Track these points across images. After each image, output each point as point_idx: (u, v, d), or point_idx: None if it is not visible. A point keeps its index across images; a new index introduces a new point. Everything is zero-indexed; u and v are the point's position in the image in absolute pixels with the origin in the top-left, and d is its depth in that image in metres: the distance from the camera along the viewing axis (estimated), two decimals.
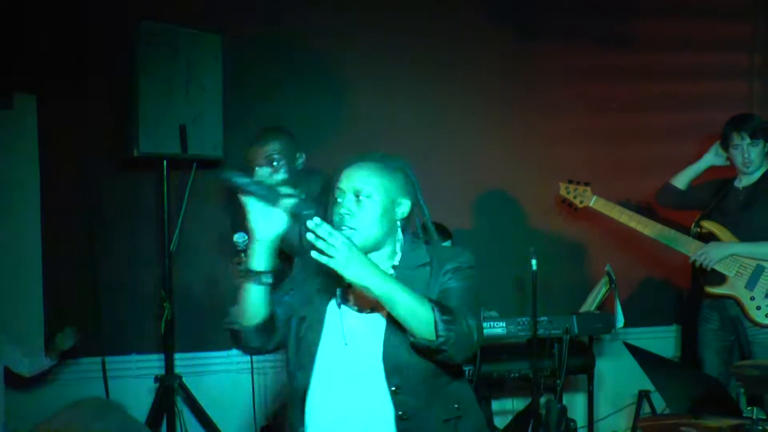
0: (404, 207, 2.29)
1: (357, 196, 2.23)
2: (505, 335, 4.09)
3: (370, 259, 2.08)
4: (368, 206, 2.22)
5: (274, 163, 3.45)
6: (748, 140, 4.10)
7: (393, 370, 2.17)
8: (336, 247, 1.99)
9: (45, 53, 4.12)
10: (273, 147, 3.48)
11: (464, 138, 4.83)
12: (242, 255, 3.17)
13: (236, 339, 2.32)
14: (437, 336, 2.06)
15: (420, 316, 2.07)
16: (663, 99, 5.18)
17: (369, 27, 4.71)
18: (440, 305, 2.10)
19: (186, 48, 3.93)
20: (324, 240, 1.98)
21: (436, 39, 4.83)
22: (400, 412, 2.18)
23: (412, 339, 2.10)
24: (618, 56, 5.12)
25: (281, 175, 3.38)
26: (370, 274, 2.05)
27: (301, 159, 3.53)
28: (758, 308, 4.02)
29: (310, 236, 1.99)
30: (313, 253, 2.01)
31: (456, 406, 2.26)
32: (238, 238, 3.22)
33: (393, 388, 2.18)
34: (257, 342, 2.30)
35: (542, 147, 4.93)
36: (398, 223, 2.29)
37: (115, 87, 4.06)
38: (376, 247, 2.25)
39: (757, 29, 5.29)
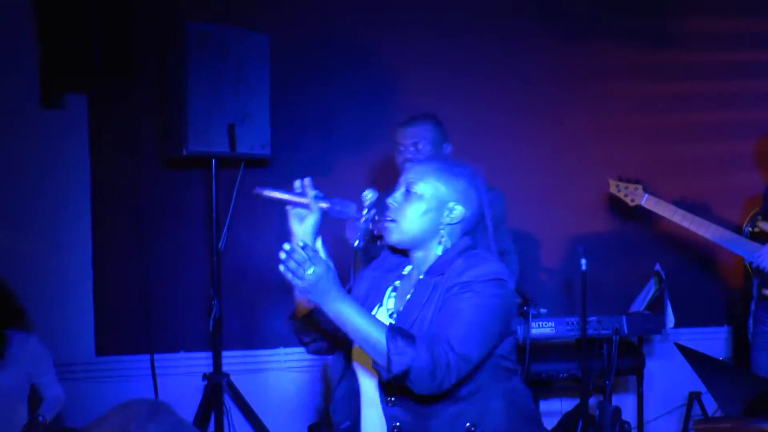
0: (456, 212, 2.25)
1: (408, 189, 2.24)
2: (554, 335, 4.06)
3: (331, 284, 1.99)
4: (414, 202, 2.22)
5: (419, 146, 3.38)
6: None
7: (388, 382, 2.04)
8: (303, 274, 1.97)
9: (95, 53, 4.17)
10: (419, 130, 3.42)
11: (512, 137, 4.79)
12: (365, 210, 3.09)
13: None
14: (389, 366, 1.97)
15: (373, 344, 1.99)
16: (714, 97, 5.09)
17: (416, 26, 4.70)
18: (399, 333, 1.98)
19: (235, 48, 3.96)
20: (294, 265, 1.97)
21: (483, 39, 4.79)
22: (393, 425, 2.12)
23: (374, 365, 2.04)
24: (667, 53, 5.04)
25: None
26: (327, 299, 1.99)
27: (448, 149, 3.46)
28: None
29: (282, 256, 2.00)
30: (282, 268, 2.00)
31: (469, 424, 2.10)
32: (368, 193, 3.06)
33: (388, 400, 2.13)
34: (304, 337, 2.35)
35: (591, 145, 4.88)
36: (446, 226, 2.25)
37: (165, 86, 4.10)
38: (413, 244, 2.25)
39: None
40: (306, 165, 4.52)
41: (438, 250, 2.25)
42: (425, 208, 2.22)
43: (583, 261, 3.77)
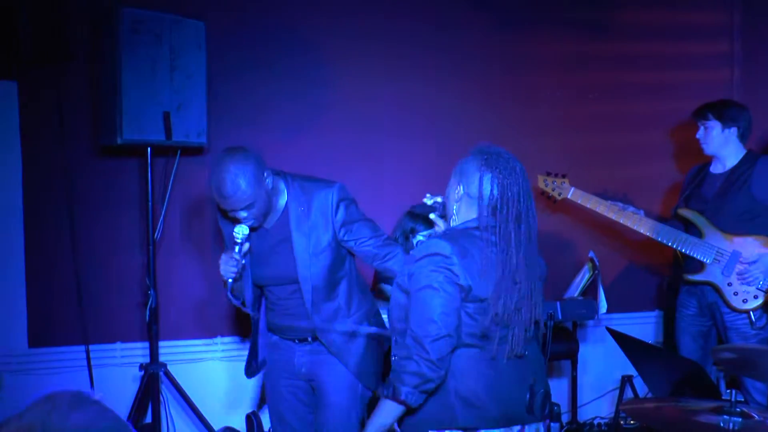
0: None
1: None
2: None
3: None
4: None
5: (243, 212, 3.11)
6: (700, 122, 4.23)
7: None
8: None
9: (26, 40, 4.08)
10: (236, 200, 3.07)
11: (443, 124, 4.83)
12: (237, 248, 3.14)
13: None
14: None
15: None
16: (642, 87, 5.21)
17: (351, 12, 4.70)
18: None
19: (169, 35, 3.90)
20: None
21: (417, 24, 4.82)
22: None
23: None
24: (597, 44, 5.14)
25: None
26: None
27: (269, 179, 3.19)
28: (735, 294, 4.06)
29: None
30: None
31: None
32: (239, 230, 3.13)
33: None
34: None
35: (521, 135, 4.92)
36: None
37: (98, 74, 4.03)
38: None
39: (736, 17, 5.30)
40: None
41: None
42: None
43: None
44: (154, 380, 4.11)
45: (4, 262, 4.20)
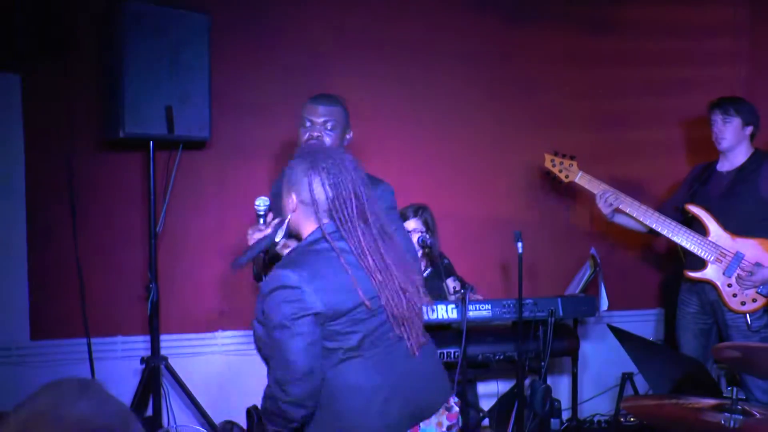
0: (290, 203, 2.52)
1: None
2: (491, 318, 4.12)
3: None
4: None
5: (328, 126, 3.27)
6: (721, 116, 4.17)
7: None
8: None
9: (28, 33, 4.08)
10: (332, 110, 3.31)
11: (447, 121, 4.84)
12: (261, 219, 3.13)
13: None
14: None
15: None
16: (648, 84, 5.20)
17: (354, 7, 4.70)
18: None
19: (172, 28, 3.90)
20: None
21: (420, 19, 4.82)
22: None
23: None
24: (604, 40, 5.13)
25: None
26: None
27: (349, 135, 3.39)
28: (734, 295, 4.05)
29: None
30: None
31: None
32: (260, 202, 3.13)
33: None
34: None
35: (526, 130, 4.94)
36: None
37: (101, 67, 4.03)
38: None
39: (743, 13, 5.29)
40: (245, 148, 4.51)
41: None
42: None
43: (520, 244, 3.83)
44: (155, 373, 4.12)
45: (6, 255, 4.21)
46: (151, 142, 4.06)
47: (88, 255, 4.21)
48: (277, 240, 2.61)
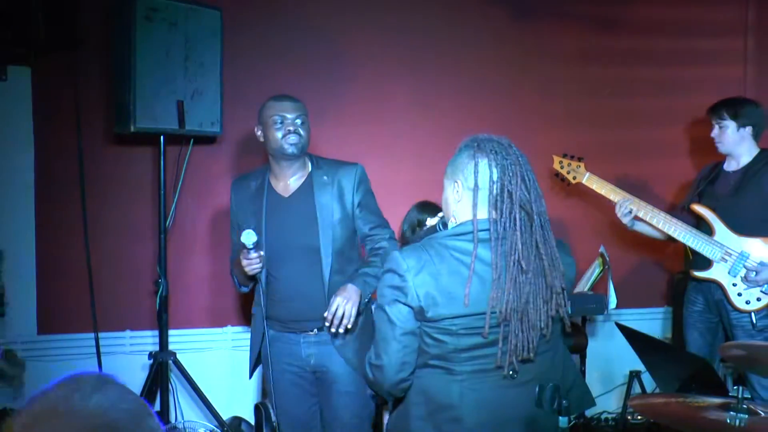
0: None
1: None
2: None
3: None
4: None
5: (299, 120, 3.35)
6: (716, 121, 4.20)
7: None
8: None
9: (40, 25, 4.08)
10: (299, 106, 3.41)
11: (457, 117, 4.84)
12: (251, 252, 3.20)
13: None
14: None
15: None
16: (657, 82, 5.20)
17: (366, 3, 4.71)
18: None
19: (184, 23, 3.91)
20: None
21: (431, 16, 4.83)
22: None
23: None
24: (612, 39, 5.13)
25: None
26: None
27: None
28: (739, 294, 4.06)
29: None
30: None
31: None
32: (245, 238, 3.18)
33: None
34: None
35: (535, 127, 4.94)
36: None
37: (112, 61, 4.04)
38: None
39: (751, 14, 5.29)
40: (256, 143, 4.50)
41: None
42: None
43: None
44: (163, 369, 4.13)
45: (15, 249, 4.22)
46: (162, 137, 4.06)
47: (97, 249, 4.22)
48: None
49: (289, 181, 3.42)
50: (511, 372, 2.22)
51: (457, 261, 2.20)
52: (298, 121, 3.35)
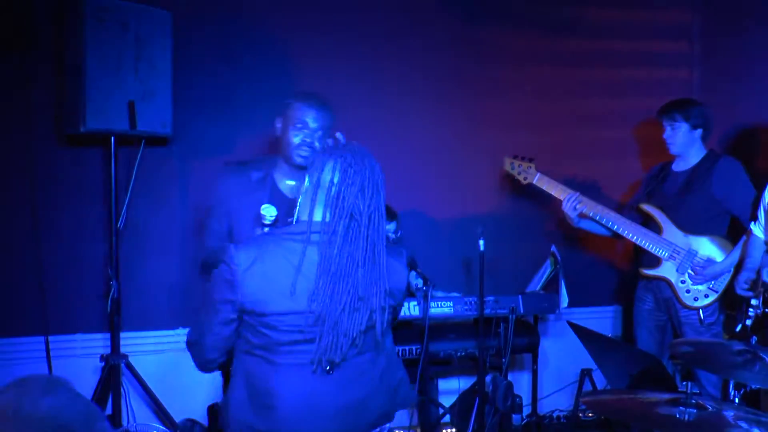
0: None
1: None
2: (453, 315, 4.16)
3: None
4: None
5: (319, 133, 3.23)
6: (668, 123, 4.27)
7: None
8: None
9: None
10: (327, 116, 3.27)
11: (411, 118, 4.86)
12: (267, 228, 3.10)
13: None
14: None
15: None
16: (606, 84, 5.28)
17: (319, 6, 4.70)
18: None
19: (135, 24, 3.87)
20: None
21: (384, 18, 4.83)
22: None
23: None
24: (563, 41, 5.18)
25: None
26: None
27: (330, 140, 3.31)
28: (688, 291, 4.14)
29: None
30: None
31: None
32: (266, 211, 3.08)
33: None
34: None
35: (488, 128, 4.98)
36: None
37: (62, 61, 3.98)
38: None
39: (697, 19, 5.39)
40: (207, 145, 4.49)
41: None
42: None
43: (481, 242, 3.87)
44: (114, 372, 4.07)
45: None
46: (113, 138, 4.02)
47: (48, 250, 4.17)
48: None
49: (296, 183, 3.29)
50: (328, 368, 2.36)
51: (286, 260, 2.31)
52: (318, 134, 3.22)
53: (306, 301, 2.30)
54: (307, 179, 2.41)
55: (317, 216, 2.35)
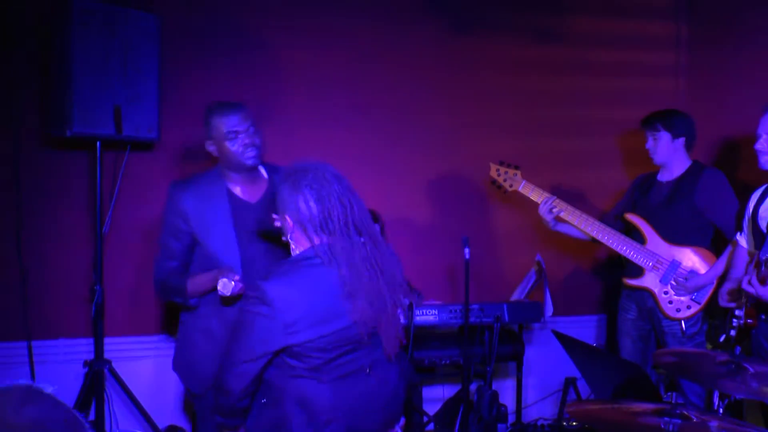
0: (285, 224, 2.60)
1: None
2: (438, 323, 4.15)
3: None
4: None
5: (251, 129, 3.31)
6: (650, 133, 4.29)
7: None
8: None
9: None
10: (247, 113, 3.35)
11: (397, 126, 4.87)
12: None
13: None
14: None
15: None
16: (592, 93, 5.29)
17: (306, 11, 4.70)
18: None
19: (122, 28, 3.86)
20: None
21: (371, 26, 4.84)
22: None
23: None
24: (549, 50, 5.20)
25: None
26: None
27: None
28: (670, 302, 4.16)
29: None
30: None
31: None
32: (223, 287, 3.12)
33: None
34: None
35: (473, 136, 4.99)
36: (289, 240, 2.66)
37: (48, 64, 3.96)
38: None
39: (683, 29, 5.42)
40: (193, 150, 4.47)
41: None
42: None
43: (467, 250, 3.87)
44: (98, 377, 4.05)
45: None
46: (99, 142, 4.00)
47: (31, 255, 4.14)
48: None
49: (251, 186, 3.38)
50: (368, 369, 2.58)
51: (312, 283, 2.46)
52: (251, 130, 3.30)
53: (343, 317, 2.47)
54: (287, 218, 2.52)
55: (317, 241, 2.49)
